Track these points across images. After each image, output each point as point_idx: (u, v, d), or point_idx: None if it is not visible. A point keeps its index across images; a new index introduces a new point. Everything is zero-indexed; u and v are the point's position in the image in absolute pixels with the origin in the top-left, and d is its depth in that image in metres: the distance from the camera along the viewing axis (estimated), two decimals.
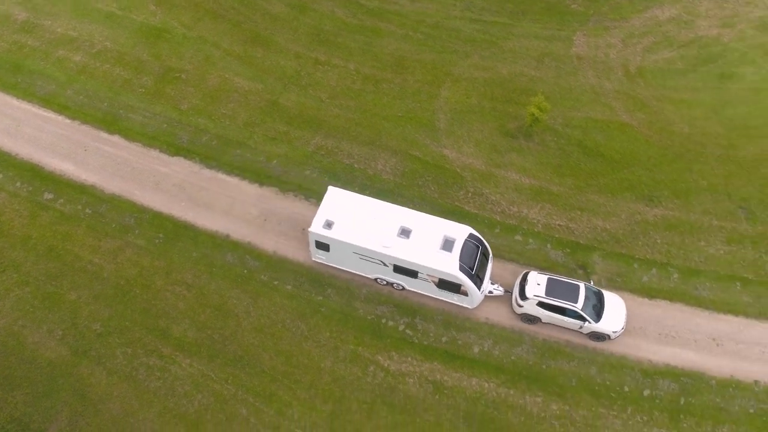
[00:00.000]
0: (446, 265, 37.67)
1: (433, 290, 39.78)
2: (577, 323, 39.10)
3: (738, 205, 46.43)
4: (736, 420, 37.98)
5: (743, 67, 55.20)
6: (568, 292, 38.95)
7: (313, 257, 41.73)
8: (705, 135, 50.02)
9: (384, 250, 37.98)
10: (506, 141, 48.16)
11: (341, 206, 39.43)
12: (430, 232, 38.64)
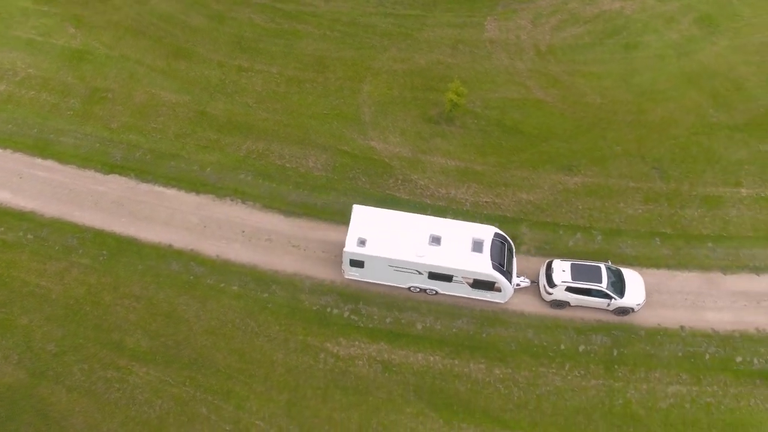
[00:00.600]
0: (480, 265, 40.10)
1: (467, 291, 41.94)
2: (604, 302, 42.12)
3: (651, 166, 50.13)
4: (666, 364, 41.60)
5: (646, 36, 59.16)
6: (592, 274, 42.06)
7: (346, 275, 43.49)
8: (615, 103, 53.67)
9: (419, 260, 39.85)
10: (429, 127, 51.08)
11: (370, 223, 41.05)
12: (459, 237, 40.78)
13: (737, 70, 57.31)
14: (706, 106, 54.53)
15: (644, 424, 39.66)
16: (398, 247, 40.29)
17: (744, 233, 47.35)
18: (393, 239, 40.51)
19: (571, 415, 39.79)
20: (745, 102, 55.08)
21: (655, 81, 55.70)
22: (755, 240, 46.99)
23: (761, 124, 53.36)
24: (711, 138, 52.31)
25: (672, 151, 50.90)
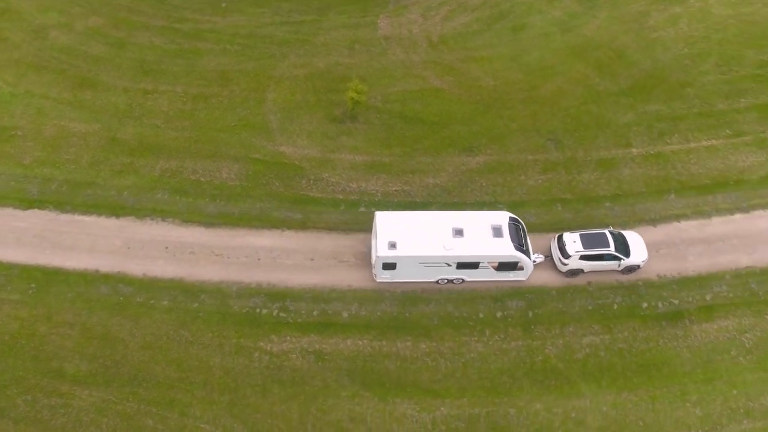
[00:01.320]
0: (503, 249, 43.51)
1: (491, 274, 44.86)
2: (615, 263, 46.10)
3: (547, 137, 54.43)
4: (578, 318, 45.89)
5: (531, 17, 63.77)
6: (600, 241, 46.09)
7: (378, 279, 45.68)
8: (508, 83, 57.95)
9: (447, 252, 42.77)
10: (335, 127, 54.46)
11: (395, 226, 43.50)
12: (479, 226, 43.91)
13: (618, 39, 62.19)
14: (593, 76, 58.97)
15: (564, 375, 43.47)
16: (426, 244, 42.98)
17: (638, 189, 51.83)
18: (420, 238, 43.19)
19: (496, 377, 43.31)
20: (627, 68, 59.94)
21: (543, 58, 60.08)
22: (648, 195, 51.54)
23: (644, 87, 58.15)
24: (599, 105, 56.70)
25: (564, 122, 55.10)
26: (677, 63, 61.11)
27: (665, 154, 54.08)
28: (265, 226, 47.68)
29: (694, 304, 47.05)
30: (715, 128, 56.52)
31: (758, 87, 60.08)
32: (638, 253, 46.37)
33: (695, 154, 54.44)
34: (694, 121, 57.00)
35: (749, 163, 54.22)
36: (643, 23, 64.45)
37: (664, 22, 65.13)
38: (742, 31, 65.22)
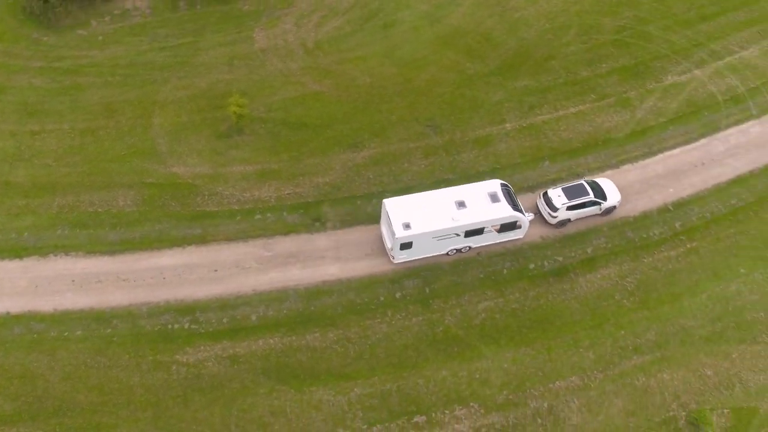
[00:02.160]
0: (503, 212, 48.79)
1: (494, 237, 50.19)
2: (596, 208, 52.19)
3: (425, 125, 58.98)
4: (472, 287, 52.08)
5: (400, 13, 68.34)
6: (580, 191, 52.17)
7: (396, 260, 50.10)
8: (384, 79, 62.33)
9: (456, 224, 47.62)
10: (223, 142, 57.98)
11: (404, 209, 48.08)
12: (477, 195, 49.10)
13: (484, 23, 67.40)
14: (463, 62, 63.89)
15: (465, 341, 47.93)
16: (436, 220, 47.78)
17: (514, 161, 56.85)
18: (429, 215, 47.91)
19: (402, 353, 47.44)
20: (495, 50, 65.12)
21: (415, 51, 64.76)
22: (524, 164, 56.59)
23: (511, 65, 63.38)
24: (472, 88, 61.62)
25: (441, 108, 59.79)
26: (540, 39, 66.43)
27: (537, 125, 59.05)
28: (166, 246, 50.46)
29: (577, 258, 51.68)
30: (580, 95, 61.68)
31: (617, 51, 65.78)
32: (613, 195, 53.05)
33: (564, 121, 59.46)
34: (561, 91, 61.88)
35: (615, 123, 59.69)
36: (505, 5, 69.66)
37: (525, 1, 70.67)
38: (598, 0, 69.82)
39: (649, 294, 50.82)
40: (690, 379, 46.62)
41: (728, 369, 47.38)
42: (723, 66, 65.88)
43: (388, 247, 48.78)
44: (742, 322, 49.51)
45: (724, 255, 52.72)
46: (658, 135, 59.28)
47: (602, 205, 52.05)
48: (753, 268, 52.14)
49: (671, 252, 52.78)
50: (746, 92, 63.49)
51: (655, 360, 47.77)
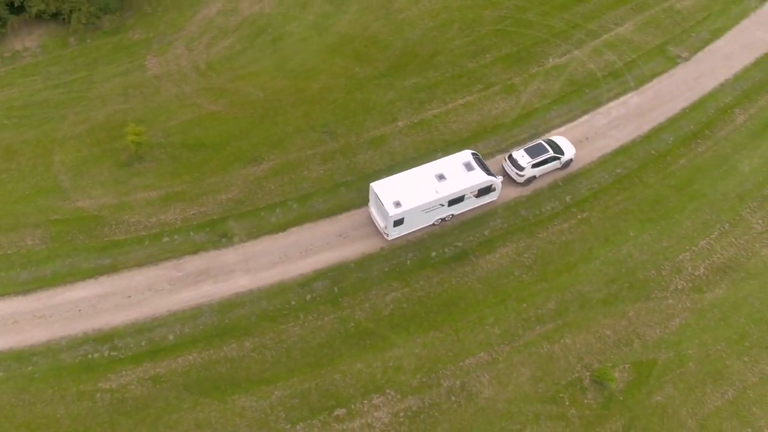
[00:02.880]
0: (479, 178, 53.61)
1: (474, 202, 55.14)
2: (556, 163, 58.04)
3: (321, 131, 62.12)
4: (378, 281, 54.87)
5: (288, 26, 71.47)
6: (540, 149, 58.01)
7: (390, 237, 54.44)
8: (277, 92, 65.34)
9: (439, 195, 52.38)
10: (125, 171, 60.28)
11: (392, 189, 52.48)
12: (453, 166, 54.15)
13: (370, 28, 70.86)
14: (353, 67, 67.26)
15: (376, 333, 51.10)
16: (422, 194, 52.16)
17: (409, 156, 60.31)
18: (414, 191, 52.29)
19: (318, 352, 50.39)
20: (382, 52, 68.58)
21: (305, 61, 67.93)
22: (419, 158, 59.95)
23: (399, 65, 66.96)
24: (363, 91, 65.01)
25: (335, 114, 63.07)
26: (425, 37, 70.26)
27: (428, 120, 62.78)
28: (79, 279, 52.55)
29: (476, 241, 55.34)
30: (467, 86, 65.63)
31: (499, 41, 70.09)
32: (569, 149, 58.87)
33: (454, 113, 63.31)
34: (449, 85, 65.73)
35: (502, 109, 63.83)
36: (389, 8, 73.20)
37: (409, 2, 74.20)
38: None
39: (546, 266, 53.95)
40: (591, 341, 50.29)
41: (626, 327, 51.21)
42: (601, 44, 70.47)
43: (381, 227, 53.67)
44: (635, 281, 53.35)
45: (613, 221, 56.64)
46: (543, 116, 63.17)
47: (561, 159, 57.94)
48: (641, 230, 56.26)
49: (564, 224, 56.43)
50: (623, 66, 68.13)
51: (557, 327, 51.04)
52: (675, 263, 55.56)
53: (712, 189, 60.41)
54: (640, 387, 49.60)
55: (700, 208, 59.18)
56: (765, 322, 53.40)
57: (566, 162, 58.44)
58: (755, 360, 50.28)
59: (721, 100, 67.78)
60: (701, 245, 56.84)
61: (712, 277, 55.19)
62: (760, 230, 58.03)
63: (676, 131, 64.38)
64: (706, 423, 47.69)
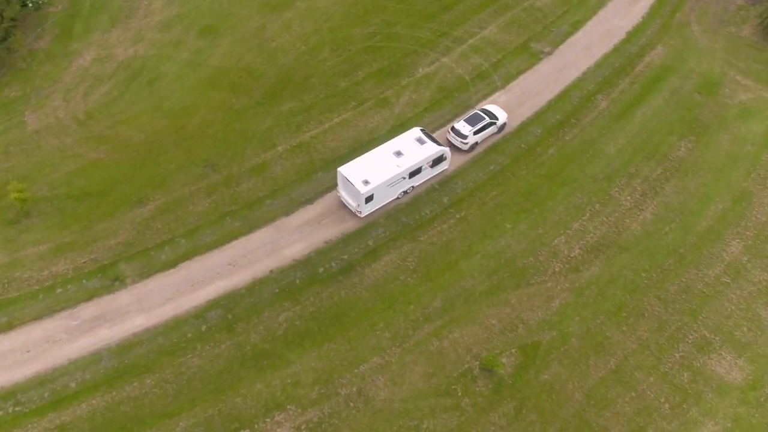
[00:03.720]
0: (431, 149, 60.45)
1: (429, 172, 61.76)
2: (494, 128, 65.39)
3: (203, 166, 64.96)
4: (270, 303, 57.05)
5: (163, 66, 74.08)
6: (478, 117, 65.69)
7: (363, 214, 60.14)
8: (157, 132, 67.89)
9: (401, 169, 58.92)
10: (13, 229, 61.84)
11: (358, 170, 58.23)
12: (407, 142, 60.87)
13: (244, 58, 74.02)
14: (230, 99, 70.25)
15: (272, 353, 53.83)
16: (385, 170, 58.24)
17: (291, 179, 63.47)
18: (378, 169, 58.36)
19: (218, 379, 52.92)
20: (257, 81, 71.71)
21: (183, 99, 70.64)
22: (300, 180, 63.31)
23: (274, 92, 70.17)
24: (241, 121, 68.01)
25: (215, 147, 65.93)
26: (298, 61, 73.62)
27: (306, 142, 66.14)
28: None
29: (361, 252, 58.59)
30: (342, 104, 69.21)
31: (370, 57, 73.82)
32: (502, 115, 66.08)
33: (331, 132, 66.81)
34: (324, 105, 69.16)
35: (377, 123, 67.53)
36: (262, 37, 76.37)
37: (280, 29, 77.37)
38: (346, 14, 78.60)
39: (429, 267, 57.47)
40: (478, 332, 54.14)
41: (509, 314, 55.18)
42: (467, 48, 74.89)
43: (353, 206, 59.14)
44: (515, 269, 57.47)
45: (490, 216, 60.81)
46: (416, 124, 66.90)
47: (497, 123, 64.84)
48: (517, 220, 60.51)
49: (444, 225, 60.26)
50: (490, 67, 72.68)
51: (445, 323, 54.54)
52: (551, 248, 58.89)
53: (582, 173, 63.98)
54: (528, 369, 52.27)
55: (571, 193, 62.55)
56: (639, 290, 57.56)
57: (501, 125, 65.98)
58: (633, 328, 54.20)
59: (585, 88, 71.64)
60: (575, 228, 60.24)
61: (587, 256, 58.64)
62: (628, 206, 62.01)
63: (543, 123, 68.16)
64: (592, 393, 51.09)
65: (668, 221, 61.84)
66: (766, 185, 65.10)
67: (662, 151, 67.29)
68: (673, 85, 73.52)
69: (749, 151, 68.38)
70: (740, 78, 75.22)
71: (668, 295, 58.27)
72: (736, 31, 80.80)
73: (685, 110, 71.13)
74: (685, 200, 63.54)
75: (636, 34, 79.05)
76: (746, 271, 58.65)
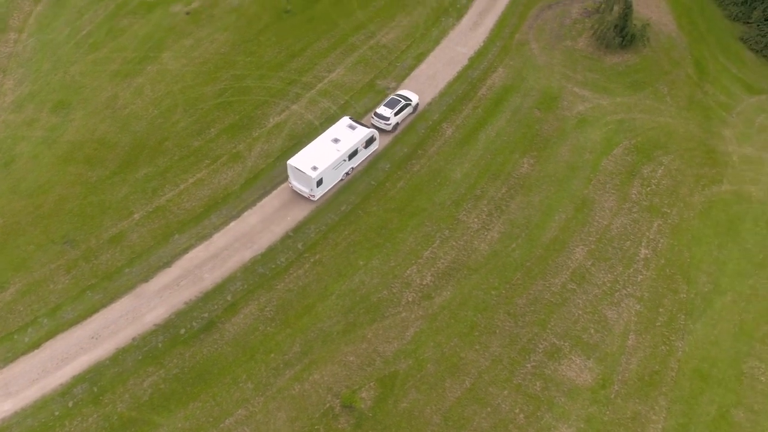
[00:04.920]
0: (362, 132, 70.41)
1: (364, 153, 71.57)
2: (410, 108, 74.62)
3: (62, 243, 67.17)
4: (132, 371, 59.71)
5: (18, 147, 75.85)
6: (395, 101, 75.81)
7: (316, 197, 68.99)
8: (15, 214, 69.76)
9: (341, 152, 68.58)
10: None
11: (304, 159, 67.80)
12: (341, 129, 70.55)
13: (98, 130, 76.47)
14: (85, 172, 72.46)
15: (139, 419, 56.08)
16: (329, 155, 67.57)
17: (149, 244, 66.08)
18: (322, 156, 67.52)
19: None
20: (112, 151, 74.14)
21: (39, 177, 72.61)
22: (157, 245, 65.97)
23: (129, 160, 72.69)
24: (98, 193, 70.35)
25: (73, 222, 68.13)
26: (152, 126, 76.33)
27: (162, 206, 68.83)
28: None
29: (220, 308, 61.51)
30: (196, 164, 72.08)
31: (222, 113, 76.95)
32: (414, 96, 76.43)
33: (187, 194, 69.58)
34: (179, 167, 71.86)
35: (230, 178, 70.67)
36: (114, 106, 78.91)
37: (132, 96, 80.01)
38: (197, 73, 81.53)
39: (287, 314, 60.71)
40: (337, 371, 57.47)
41: (366, 348, 58.66)
42: (316, 93, 78.62)
43: (306, 192, 67.74)
44: (370, 305, 61.08)
45: (343, 255, 64.33)
46: (269, 174, 70.35)
47: (411, 103, 74.81)
48: (369, 257, 64.18)
49: (299, 271, 63.47)
50: (338, 109, 76.50)
51: (305, 366, 57.73)
52: (404, 279, 62.61)
53: (430, 202, 68.14)
54: (386, 400, 55.58)
55: (421, 222, 66.54)
56: (490, 308, 61.76)
57: (415, 105, 75.85)
58: (485, 346, 58.28)
59: (430, 118, 75.95)
60: (426, 256, 64.23)
61: (438, 282, 62.59)
62: (476, 228, 66.29)
63: (391, 158, 72.02)
64: (449, 414, 54.91)
65: (514, 237, 65.36)
66: (605, 189, 69.27)
67: (506, 170, 71.00)
68: (514, 105, 77.69)
69: (588, 159, 72.29)
70: (578, 89, 79.54)
71: (517, 309, 61.33)
72: (572, 45, 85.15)
73: (526, 127, 75.10)
74: (530, 215, 67.10)
75: (478, 59, 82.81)
76: (590, 275, 62.56)
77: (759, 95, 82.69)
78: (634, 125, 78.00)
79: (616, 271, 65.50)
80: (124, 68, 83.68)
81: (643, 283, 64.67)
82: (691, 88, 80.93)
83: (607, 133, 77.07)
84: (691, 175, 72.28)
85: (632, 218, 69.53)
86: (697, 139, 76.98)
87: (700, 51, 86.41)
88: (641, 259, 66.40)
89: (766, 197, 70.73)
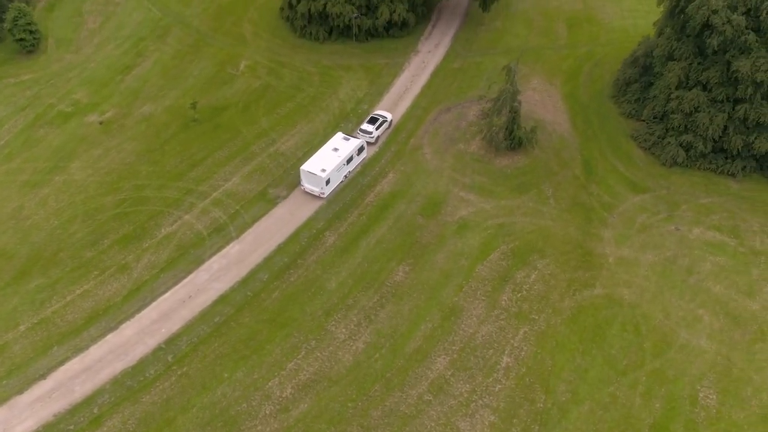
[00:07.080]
0: (354, 142, 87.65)
1: (357, 159, 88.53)
2: (387, 124, 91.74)
3: None
4: None
5: None
6: (375, 119, 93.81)
7: (325, 195, 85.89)
8: None
9: (341, 158, 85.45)
10: None
11: (315, 164, 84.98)
12: (338, 141, 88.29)
13: None
14: None
15: None
16: (332, 161, 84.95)
17: (29, 356, 70.00)
18: (327, 161, 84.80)
19: None
20: (8, 262, 78.89)
21: None
22: (37, 357, 69.78)
23: (24, 271, 77.34)
24: None
25: None
26: (51, 236, 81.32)
27: (48, 317, 73.44)
28: None
29: (86, 420, 65.44)
30: (85, 276, 76.92)
31: (118, 224, 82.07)
32: (388, 115, 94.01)
33: (72, 305, 74.29)
34: (69, 278, 76.52)
35: (114, 290, 75.54)
36: (18, 216, 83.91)
37: (36, 206, 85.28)
38: (101, 183, 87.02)
39: (148, 427, 64.53)
40: None
41: None
42: (209, 203, 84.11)
43: (317, 192, 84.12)
44: (228, 418, 65.18)
45: (210, 368, 68.69)
46: (151, 286, 75.15)
47: (387, 120, 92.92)
48: (235, 369, 68.68)
49: (165, 383, 67.65)
50: (227, 219, 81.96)
51: None
52: (264, 391, 67.00)
53: (302, 312, 72.90)
54: None
55: (290, 333, 71.23)
56: (344, 421, 65.44)
57: (389, 122, 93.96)
58: None
59: (314, 226, 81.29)
60: (289, 367, 68.77)
61: (298, 394, 66.76)
62: (343, 338, 70.87)
63: (270, 268, 77.03)
64: None
65: (379, 347, 69.67)
66: (476, 296, 74.58)
67: (381, 278, 75.73)
68: (398, 211, 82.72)
69: (463, 265, 77.07)
70: (463, 193, 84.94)
71: (371, 422, 65.06)
72: (465, 148, 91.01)
73: (406, 235, 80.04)
74: (397, 324, 71.57)
75: (370, 165, 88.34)
76: (449, 385, 67.54)
77: (643, 194, 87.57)
78: (514, 229, 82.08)
79: (476, 381, 68.02)
80: (33, 178, 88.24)
81: (501, 393, 67.16)
82: (576, 189, 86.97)
83: (485, 238, 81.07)
84: (564, 280, 76.41)
85: (499, 326, 72.53)
86: (575, 242, 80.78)
87: (590, 150, 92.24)
88: (502, 367, 69.17)
89: (637, 300, 74.83)
